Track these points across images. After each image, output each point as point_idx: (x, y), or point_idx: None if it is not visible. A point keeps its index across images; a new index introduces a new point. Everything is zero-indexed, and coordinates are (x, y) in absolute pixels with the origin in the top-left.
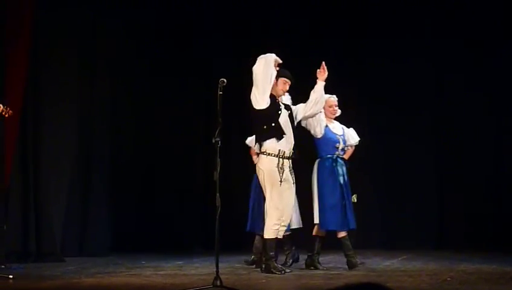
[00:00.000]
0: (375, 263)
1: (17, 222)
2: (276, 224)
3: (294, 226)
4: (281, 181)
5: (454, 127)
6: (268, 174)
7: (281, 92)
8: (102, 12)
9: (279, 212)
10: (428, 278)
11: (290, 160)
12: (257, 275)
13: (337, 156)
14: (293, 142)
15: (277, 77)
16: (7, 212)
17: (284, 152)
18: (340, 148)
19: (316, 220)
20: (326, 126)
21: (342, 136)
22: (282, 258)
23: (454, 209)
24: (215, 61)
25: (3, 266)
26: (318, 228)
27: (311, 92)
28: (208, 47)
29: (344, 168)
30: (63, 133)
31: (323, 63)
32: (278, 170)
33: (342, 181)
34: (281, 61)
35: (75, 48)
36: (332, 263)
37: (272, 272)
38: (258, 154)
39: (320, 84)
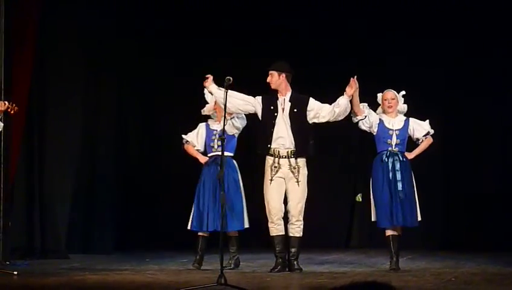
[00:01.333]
0: (380, 262)
1: (22, 218)
2: (271, 222)
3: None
4: (270, 180)
5: (461, 127)
6: (265, 173)
7: (271, 86)
8: (108, 12)
9: (268, 211)
10: (433, 278)
11: (294, 158)
12: (262, 274)
13: (391, 152)
14: (293, 140)
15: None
16: (12, 209)
17: (279, 151)
18: (394, 143)
19: (373, 218)
20: (381, 122)
21: (399, 131)
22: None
23: (459, 209)
24: (221, 60)
25: (7, 262)
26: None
27: (337, 101)
28: (214, 46)
29: (398, 164)
30: (68, 131)
31: (353, 78)
32: (271, 169)
33: (391, 177)
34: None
35: (81, 48)
36: (337, 261)
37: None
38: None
39: (344, 99)
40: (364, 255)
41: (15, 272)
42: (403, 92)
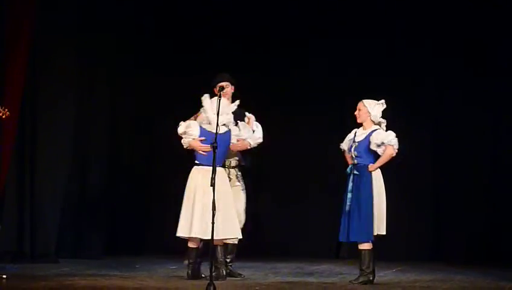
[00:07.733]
0: None
1: (12, 222)
2: None
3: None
4: None
5: (453, 137)
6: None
7: (226, 97)
8: (102, 14)
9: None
10: None
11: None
12: (250, 282)
13: (352, 164)
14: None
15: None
16: (2, 213)
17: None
18: (354, 155)
19: None
20: (354, 134)
21: (359, 143)
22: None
23: (450, 221)
24: (215, 63)
25: None
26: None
27: None
28: (208, 48)
29: (350, 177)
30: (60, 135)
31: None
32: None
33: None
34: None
35: (75, 50)
36: (326, 272)
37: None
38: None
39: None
40: (354, 266)
41: (4, 276)
42: (381, 101)
